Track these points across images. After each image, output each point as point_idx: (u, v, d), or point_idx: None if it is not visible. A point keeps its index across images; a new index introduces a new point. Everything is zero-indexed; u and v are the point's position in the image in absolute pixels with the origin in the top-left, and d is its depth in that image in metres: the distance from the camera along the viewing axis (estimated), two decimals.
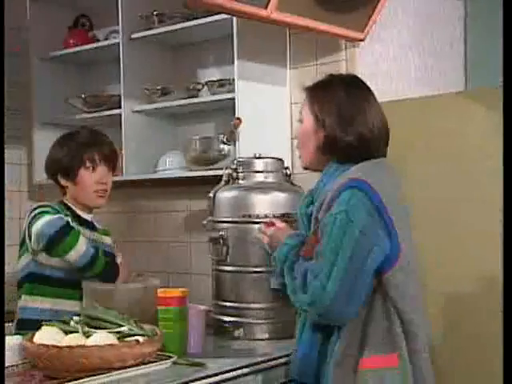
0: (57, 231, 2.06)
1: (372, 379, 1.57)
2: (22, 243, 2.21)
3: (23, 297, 2.22)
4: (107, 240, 2.34)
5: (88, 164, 2.22)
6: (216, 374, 1.74)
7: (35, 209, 2.17)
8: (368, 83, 1.80)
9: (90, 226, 2.27)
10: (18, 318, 2.24)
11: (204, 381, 1.71)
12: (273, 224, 1.89)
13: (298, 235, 1.76)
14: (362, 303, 1.58)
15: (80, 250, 2.07)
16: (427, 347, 1.65)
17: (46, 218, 2.09)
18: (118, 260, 2.19)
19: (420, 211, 2.00)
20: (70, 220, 2.14)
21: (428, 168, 2.26)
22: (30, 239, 2.13)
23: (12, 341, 1.78)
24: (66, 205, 2.26)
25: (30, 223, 2.13)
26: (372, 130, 1.68)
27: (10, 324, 2.25)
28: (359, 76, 1.81)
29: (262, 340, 2.12)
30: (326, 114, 1.70)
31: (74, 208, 2.25)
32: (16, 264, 2.26)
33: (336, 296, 1.53)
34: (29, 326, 2.06)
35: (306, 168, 1.83)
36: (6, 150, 3.11)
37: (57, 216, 2.11)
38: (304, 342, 1.69)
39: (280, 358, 1.92)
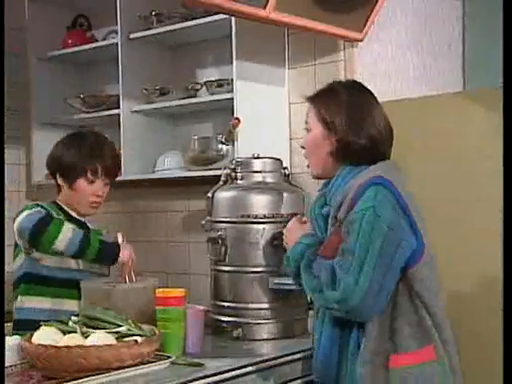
0: (36, 223, 2.03)
1: (412, 376, 1.57)
2: (16, 243, 2.20)
3: (19, 297, 2.21)
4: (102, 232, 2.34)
5: (89, 176, 2.21)
6: (214, 374, 1.74)
7: (24, 210, 2.14)
8: (366, 83, 1.82)
9: (82, 226, 2.26)
10: (14, 318, 2.24)
11: (202, 381, 1.71)
12: (302, 221, 1.85)
13: (312, 235, 1.76)
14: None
15: (65, 237, 2.02)
16: (453, 339, 1.67)
17: (25, 212, 2.09)
18: (119, 239, 2.15)
19: None
20: (53, 214, 2.13)
21: (426, 168, 2.26)
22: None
23: (11, 341, 1.78)
24: (58, 205, 2.25)
25: (14, 222, 2.12)
26: (381, 131, 1.71)
27: (9, 324, 2.25)
28: (358, 76, 1.82)
29: (260, 340, 2.11)
30: (335, 117, 1.70)
31: (66, 208, 2.25)
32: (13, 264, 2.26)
33: (367, 291, 1.53)
34: (26, 326, 2.05)
35: (316, 177, 1.82)
36: (5, 150, 3.13)
37: (35, 209, 2.10)
38: (324, 343, 1.68)
39: (279, 358, 1.92)
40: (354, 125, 1.69)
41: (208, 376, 1.72)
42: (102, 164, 2.22)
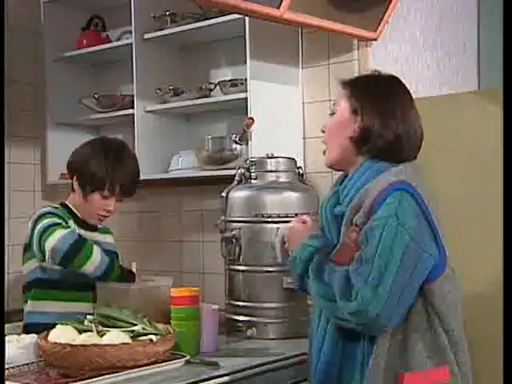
0: (71, 246, 2.06)
1: None
2: (28, 247, 2.20)
3: (30, 302, 2.21)
4: (109, 239, 2.35)
5: (105, 192, 2.21)
6: (229, 374, 1.75)
7: (40, 217, 2.15)
8: None
9: (90, 227, 2.28)
10: (25, 322, 2.23)
11: (217, 380, 1.71)
12: (303, 221, 1.74)
13: (319, 237, 1.64)
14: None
15: (95, 261, 2.08)
16: (469, 359, 1.58)
17: (59, 233, 2.08)
18: (134, 268, 2.18)
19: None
20: (80, 233, 2.15)
21: (441, 168, 2.25)
22: (43, 254, 2.11)
23: (27, 339, 1.80)
24: (68, 208, 2.26)
25: (41, 237, 2.11)
26: (410, 131, 1.60)
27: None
28: None
29: (274, 339, 2.12)
30: (366, 104, 1.59)
31: (75, 211, 2.26)
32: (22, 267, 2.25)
33: (385, 305, 1.42)
34: (36, 330, 2.07)
35: (330, 166, 1.69)
36: (19, 150, 3.15)
37: (69, 230, 2.12)
38: (327, 350, 1.57)
39: (292, 357, 1.92)
40: (383, 117, 1.57)
41: (222, 375, 1.73)
42: (121, 184, 2.22)
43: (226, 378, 1.73)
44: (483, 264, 2.16)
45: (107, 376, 1.61)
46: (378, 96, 1.61)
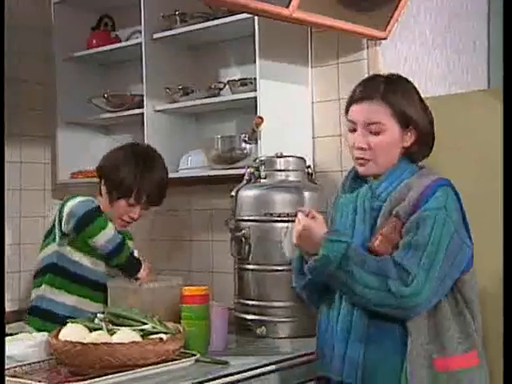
0: (87, 212, 2.10)
1: (465, 380, 1.58)
2: (49, 233, 2.22)
3: (43, 286, 2.20)
4: (129, 244, 2.36)
5: (131, 200, 2.22)
6: (238, 372, 1.75)
7: (72, 196, 2.19)
8: None
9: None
10: (32, 304, 2.23)
11: (227, 379, 1.72)
12: (313, 216, 1.68)
13: (342, 232, 1.65)
14: None
15: (109, 233, 2.11)
16: None
17: (79, 198, 2.15)
18: (135, 254, 2.20)
19: None
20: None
21: (451, 166, 2.24)
22: (61, 223, 2.15)
23: (38, 337, 1.81)
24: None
25: (62, 205, 2.16)
26: (429, 126, 1.74)
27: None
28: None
29: (284, 338, 2.12)
30: (411, 111, 1.68)
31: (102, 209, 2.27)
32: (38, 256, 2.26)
33: (433, 288, 1.54)
34: (43, 315, 2.09)
35: (373, 175, 1.71)
36: (30, 150, 3.17)
37: (89, 198, 2.16)
38: (355, 340, 1.60)
39: (303, 356, 1.92)
40: (422, 115, 1.70)
41: (232, 374, 1.74)
42: (147, 194, 2.23)
43: (235, 377, 1.74)
44: (494, 261, 2.15)
45: (117, 374, 1.62)
46: (411, 99, 1.71)
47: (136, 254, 2.22)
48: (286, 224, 2.14)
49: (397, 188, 1.66)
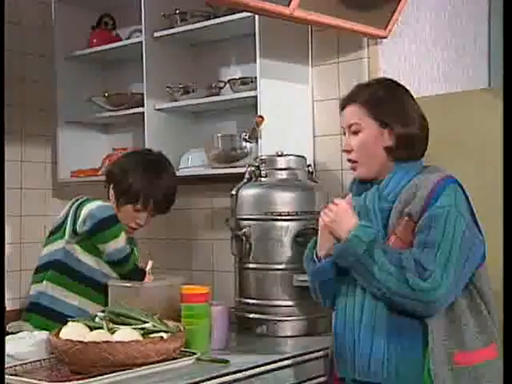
0: (107, 217, 2.12)
1: (488, 373, 1.61)
2: (57, 230, 2.22)
3: (45, 282, 2.19)
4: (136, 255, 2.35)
5: (138, 206, 2.23)
6: (239, 371, 1.75)
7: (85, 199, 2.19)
8: None
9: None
10: (31, 300, 2.22)
11: (227, 377, 1.72)
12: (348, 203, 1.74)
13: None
14: None
15: (120, 242, 2.13)
16: None
17: (99, 202, 2.16)
18: (149, 266, 2.18)
19: None
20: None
21: (451, 165, 2.23)
22: (75, 222, 2.15)
23: (39, 336, 1.81)
24: None
25: (79, 205, 2.16)
26: (422, 123, 1.76)
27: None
28: (382, 73, 1.82)
29: (284, 337, 2.12)
30: (387, 112, 1.71)
31: None
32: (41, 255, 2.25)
33: (450, 285, 1.57)
34: (42, 312, 2.09)
35: (365, 179, 1.76)
36: (30, 149, 3.17)
37: (109, 204, 2.18)
38: (378, 338, 1.62)
39: (303, 355, 1.92)
40: (403, 116, 1.72)
41: (233, 372, 1.74)
42: (154, 200, 2.23)
43: (236, 376, 1.74)
44: (494, 259, 2.15)
45: (118, 373, 1.62)
46: (391, 100, 1.73)
47: (150, 264, 2.18)
48: (286, 223, 2.14)
49: (404, 188, 1.69)
